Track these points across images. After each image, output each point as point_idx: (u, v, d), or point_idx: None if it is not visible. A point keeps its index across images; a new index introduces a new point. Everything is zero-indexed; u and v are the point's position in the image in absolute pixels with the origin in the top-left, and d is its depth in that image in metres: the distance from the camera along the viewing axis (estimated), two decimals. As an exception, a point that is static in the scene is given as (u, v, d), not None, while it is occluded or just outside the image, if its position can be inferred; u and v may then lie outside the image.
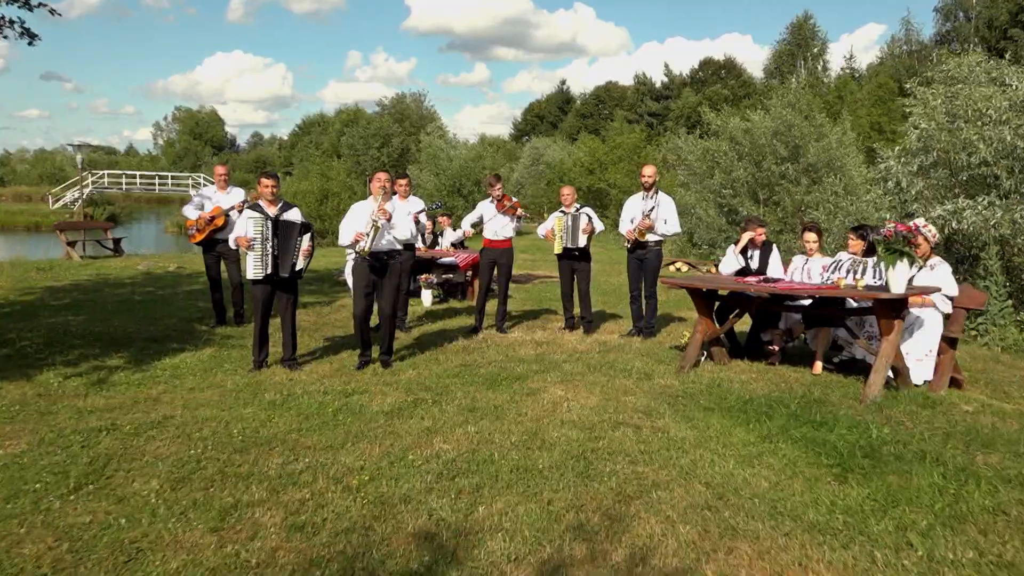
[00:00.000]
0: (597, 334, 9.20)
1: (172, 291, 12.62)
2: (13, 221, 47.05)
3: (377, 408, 5.62)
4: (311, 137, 67.91)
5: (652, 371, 7.01)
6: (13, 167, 78.54)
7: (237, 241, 7.01)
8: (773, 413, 5.41)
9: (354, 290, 7.25)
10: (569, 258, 9.19)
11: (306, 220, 7.20)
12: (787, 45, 51.78)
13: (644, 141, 39.40)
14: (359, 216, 7.13)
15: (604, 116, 72.94)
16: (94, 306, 10.75)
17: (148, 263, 16.85)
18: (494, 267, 9.33)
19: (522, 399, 5.96)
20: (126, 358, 7.47)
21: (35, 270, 15.01)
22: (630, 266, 9.02)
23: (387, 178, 7.20)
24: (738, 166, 21.21)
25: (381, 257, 7.13)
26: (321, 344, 8.42)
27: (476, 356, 7.79)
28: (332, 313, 10.47)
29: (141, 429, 5.06)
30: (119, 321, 9.49)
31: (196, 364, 7.24)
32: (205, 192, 9.57)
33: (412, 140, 53.27)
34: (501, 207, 9.17)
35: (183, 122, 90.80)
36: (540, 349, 8.16)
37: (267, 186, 7.05)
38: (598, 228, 9.15)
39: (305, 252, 7.01)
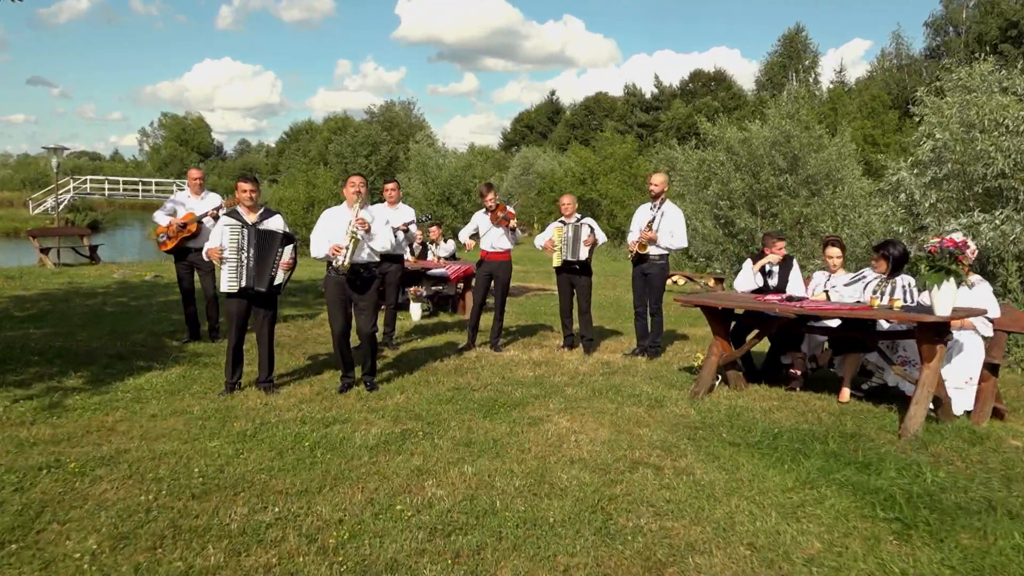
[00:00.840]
0: (598, 353, 8.58)
1: (146, 302, 11.93)
2: (-10, 227, 46.05)
3: (360, 442, 4.97)
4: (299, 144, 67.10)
5: (663, 397, 6.39)
6: (-8, 173, 77.19)
7: (209, 254, 6.35)
8: (808, 451, 4.80)
9: (330, 307, 6.61)
10: (569, 272, 8.59)
11: (289, 230, 6.55)
12: (779, 57, 51.59)
13: (636, 151, 38.90)
14: (332, 225, 6.50)
15: (594, 127, 72.59)
16: (60, 318, 10.05)
17: (124, 272, 16.14)
18: (491, 280, 8.71)
19: (523, 431, 5.32)
20: (85, 378, 6.78)
21: (2, 278, 14.26)
22: (635, 280, 8.42)
23: (362, 183, 6.57)
24: (735, 177, 20.70)
25: (358, 271, 6.49)
26: (302, 363, 7.76)
27: (470, 378, 7.15)
28: (315, 328, 9.81)
29: (88, 467, 4.39)
30: (85, 335, 8.80)
31: (162, 386, 6.57)
32: (178, 197, 8.90)
33: (401, 148, 52.63)
34: (495, 218, 8.57)
35: (169, 128, 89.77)
36: (539, 370, 7.53)
37: (245, 191, 6.40)
38: (600, 240, 8.56)
39: (285, 265, 6.36)
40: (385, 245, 6.59)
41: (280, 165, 64.62)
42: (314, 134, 65.50)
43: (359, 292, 6.53)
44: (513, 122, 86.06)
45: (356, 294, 6.52)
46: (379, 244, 6.53)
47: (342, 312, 6.53)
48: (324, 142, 57.82)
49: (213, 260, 6.31)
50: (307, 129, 70.48)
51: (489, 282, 8.73)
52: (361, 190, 6.51)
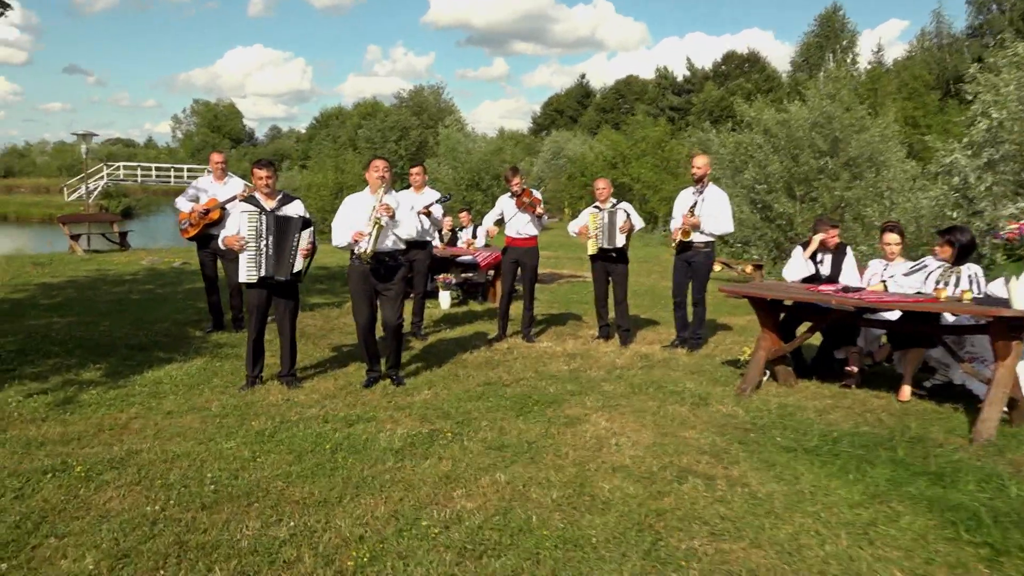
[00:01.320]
0: (636, 344, 8.18)
1: (172, 289, 11.75)
2: (28, 213, 46.70)
3: (385, 443, 4.64)
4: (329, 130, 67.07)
5: (708, 394, 5.99)
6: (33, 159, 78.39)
7: (225, 242, 6.05)
8: (873, 458, 4.38)
9: (354, 298, 6.28)
10: (604, 260, 8.18)
11: (307, 215, 6.23)
12: (815, 37, 50.29)
13: (669, 135, 38.16)
14: (355, 211, 6.16)
15: (624, 110, 71.73)
16: (85, 306, 9.88)
17: (152, 258, 16.02)
18: (517, 268, 8.34)
19: (559, 432, 4.95)
20: (103, 370, 6.54)
21: (31, 265, 14.19)
22: (676, 269, 7.99)
23: (386, 167, 6.21)
24: (773, 160, 20.05)
25: (383, 259, 6.16)
26: (326, 354, 7.46)
27: (501, 371, 6.80)
28: (341, 316, 9.51)
29: (95, 471, 4.11)
30: (107, 324, 8.59)
31: (181, 379, 6.30)
32: (200, 183, 8.63)
33: (430, 133, 52.28)
34: (520, 203, 8.18)
35: (201, 115, 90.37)
36: (573, 363, 7.16)
37: (260, 177, 6.08)
38: (637, 225, 8.13)
39: (304, 252, 6.05)
40: (411, 232, 6.24)
41: (310, 151, 64.65)
42: (344, 119, 65.41)
43: (384, 281, 6.19)
44: (543, 106, 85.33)
45: (381, 283, 6.20)
46: (404, 231, 6.18)
47: (367, 303, 6.21)
48: (354, 127, 57.69)
49: (231, 248, 6.01)
50: (337, 115, 70.41)
51: (516, 269, 8.37)
52: (385, 175, 6.16)
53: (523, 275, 8.32)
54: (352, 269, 6.24)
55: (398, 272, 6.25)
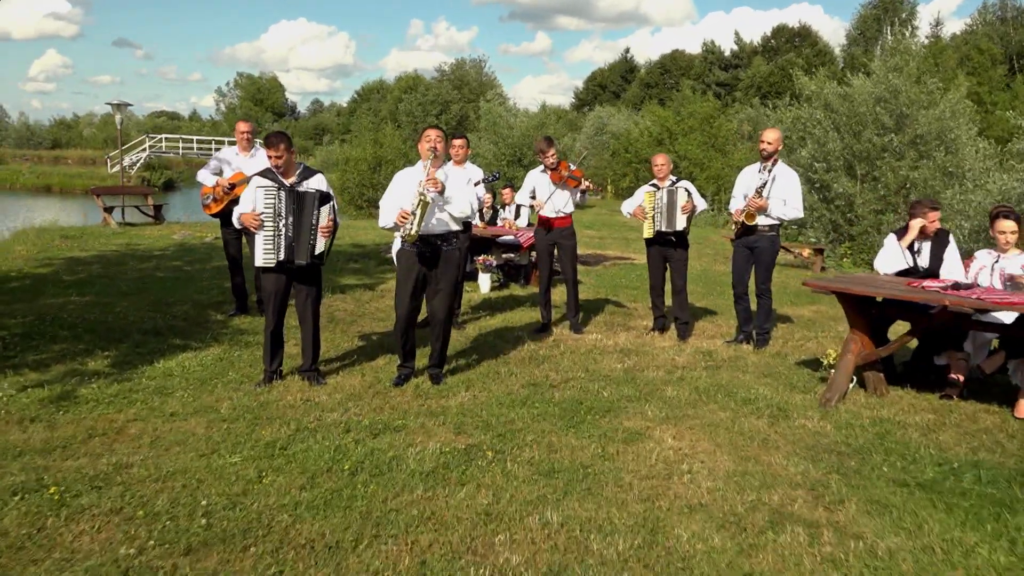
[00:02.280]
0: (695, 339, 7.39)
1: (200, 267, 11.20)
2: (72, 184, 46.95)
3: (415, 463, 3.93)
4: (369, 104, 66.57)
5: (787, 404, 5.19)
6: (80, 131, 79.28)
7: (242, 220, 5.38)
8: (1011, 500, 3.56)
9: (398, 284, 5.58)
10: (662, 244, 7.37)
11: (328, 189, 5.51)
12: (872, 9, 48.11)
13: (718, 110, 36.80)
14: (404, 188, 5.45)
15: (670, 86, 69.96)
16: (107, 284, 9.36)
17: (184, 233, 15.54)
18: (554, 250, 7.56)
19: (619, 452, 4.21)
20: (111, 359, 5.96)
21: (60, 238, 13.78)
22: (736, 256, 7.15)
23: (438, 136, 5.47)
24: (833, 137, 18.88)
25: (433, 242, 5.44)
26: (354, 344, 6.80)
27: (548, 369, 6.06)
28: (374, 300, 8.85)
29: (72, 492, 3.48)
30: (125, 304, 8.04)
31: (193, 371, 5.68)
32: (224, 154, 7.98)
33: (471, 107, 51.41)
34: (557, 177, 7.38)
35: (244, 88, 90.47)
36: (628, 361, 6.39)
37: (270, 156, 5.37)
38: (700, 206, 7.32)
39: (325, 230, 5.35)
40: (465, 209, 5.49)
41: (351, 125, 64.26)
42: (385, 93, 64.82)
43: (434, 268, 5.49)
44: (586, 81, 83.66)
45: (431, 271, 5.50)
46: (457, 208, 5.44)
47: (412, 292, 5.49)
48: (394, 101, 57.08)
49: (247, 227, 5.34)
50: (378, 88, 69.84)
51: (552, 252, 7.59)
52: (437, 146, 5.42)
53: (562, 258, 7.55)
54: (401, 251, 5.56)
55: (452, 258, 5.53)
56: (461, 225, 5.65)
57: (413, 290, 5.48)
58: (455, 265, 5.58)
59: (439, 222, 5.44)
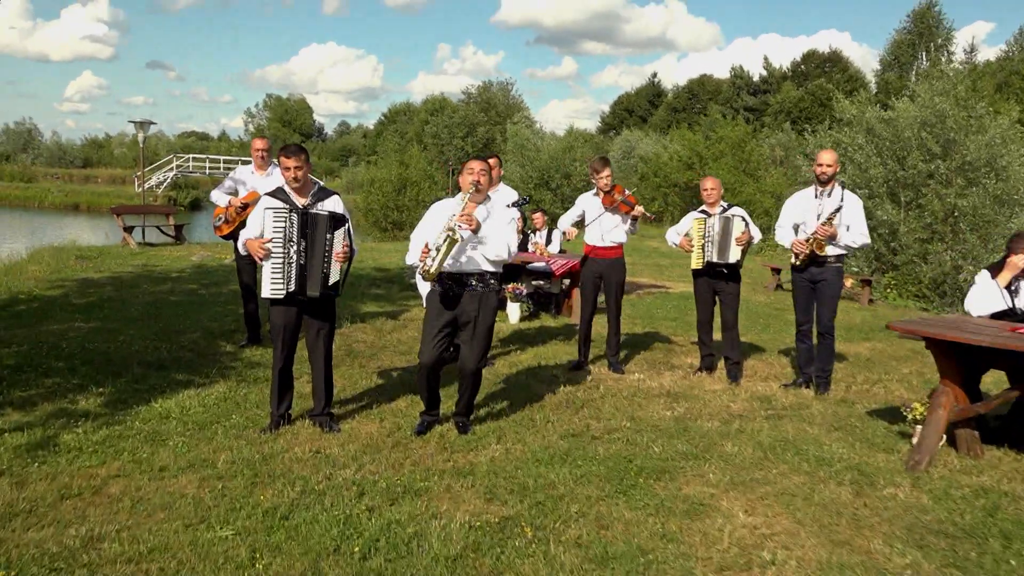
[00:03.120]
0: (747, 380, 6.70)
1: (216, 291, 10.69)
2: (99, 203, 47.19)
3: (438, 544, 3.28)
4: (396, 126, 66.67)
5: (869, 467, 4.48)
6: (111, 150, 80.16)
7: (247, 246, 4.80)
8: None
9: (424, 328, 4.95)
10: (712, 276, 6.71)
11: (344, 212, 4.92)
12: (908, 35, 47.24)
13: (749, 135, 36.11)
14: (438, 221, 4.85)
15: (697, 110, 69.46)
16: (116, 308, 8.85)
17: (204, 254, 15.10)
18: (600, 282, 6.93)
19: (682, 530, 3.53)
20: (106, 397, 5.39)
21: (76, 258, 13.37)
22: (798, 290, 6.46)
23: (482, 169, 4.82)
24: (875, 162, 18.14)
25: (463, 280, 4.82)
26: (373, 381, 6.19)
27: (588, 416, 5.40)
28: (396, 331, 8.25)
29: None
30: (131, 332, 7.51)
31: (193, 413, 5.09)
32: (239, 173, 7.46)
33: (497, 130, 51.15)
34: (610, 202, 6.76)
35: (273, 109, 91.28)
36: (678, 407, 5.71)
37: (287, 167, 4.79)
38: (756, 237, 6.65)
39: (340, 256, 4.75)
40: (501, 253, 4.82)
41: (377, 146, 64.33)
42: (412, 115, 64.87)
43: (463, 312, 4.84)
44: (612, 105, 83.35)
45: (461, 313, 4.85)
46: (492, 250, 4.79)
47: (437, 337, 4.83)
48: (421, 123, 57.01)
49: (253, 254, 4.76)
50: (405, 111, 70.01)
51: (599, 285, 6.96)
52: (480, 179, 4.79)
53: (607, 292, 6.92)
54: (430, 293, 4.95)
55: (486, 300, 4.89)
56: (499, 266, 5.01)
57: (440, 335, 4.84)
58: (490, 309, 4.93)
59: (469, 260, 4.82)
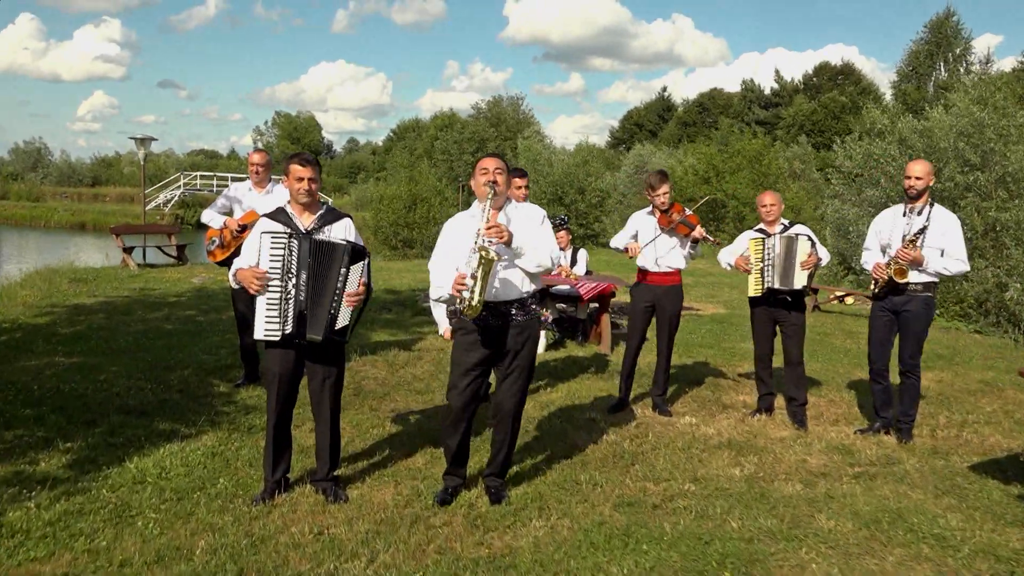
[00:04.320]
0: (813, 423, 5.83)
1: (215, 317, 9.90)
2: (105, 221, 46.62)
3: None
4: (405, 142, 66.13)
5: (1002, 547, 3.60)
6: (120, 168, 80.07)
7: (239, 278, 3.98)
8: None
9: (453, 365, 4.11)
10: (773, 304, 5.86)
11: (359, 240, 4.11)
12: (925, 45, 46.38)
13: (768, 147, 35.28)
14: (457, 242, 4.03)
15: (708, 124, 68.84)
16: (104, 339, 8.07)
17: (205, 276, 14.34)
18: (651, 312, 6.09)
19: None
20: (73, 455, 4.57)
21: (69, 281, 12.60)
22: (876, 321, 5.59)
23: (498, 168, 4.03)
24: (910, 175, 17.24)
25: (503, 310, 3.99)
26: (386, 429, 5.35)
27: (641, 475, 4.54)
28: (410, 364, 7.42)
29: None
30: (115, 369, 6.71)
31: (174, 475, 4.27)
32: (235, 191, 6.66)
33: (508, 145, 50.43)
34: (667, 222, 5.93)
35: (282, 127, 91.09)
36: (745, 462, 4.84)
37: (300, 178, 4.00)
38: (824, 259, 5.80)
39: (353, 298, 3.92)
40: (544, 260, 3.98)
41: (386, 163, 63.79)
42: (420, 131, 64.33)
43: (501, 346, 4.02)
44: (622, 120, 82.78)
45: (498, 349, 4.02)
46: (534, 260, 3.95)
47: (468, 377, 4.01)
48: (430, 139, 56.39)
49: (246, 287, 3.94)
50: (414, 127, 69.50)
51: (650, 316, 6.12)
52: (497, 178, 3.99)
53: (660, 323, 6.08)
54: (458, 331, 4.10)
55: (529, 331, 4.07)
56: (539, 283, 4.18)
57: (473, 374, 4.01)
58: (534, 340, 4.10)
59: (505, 283, 3.99)
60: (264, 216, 4.15)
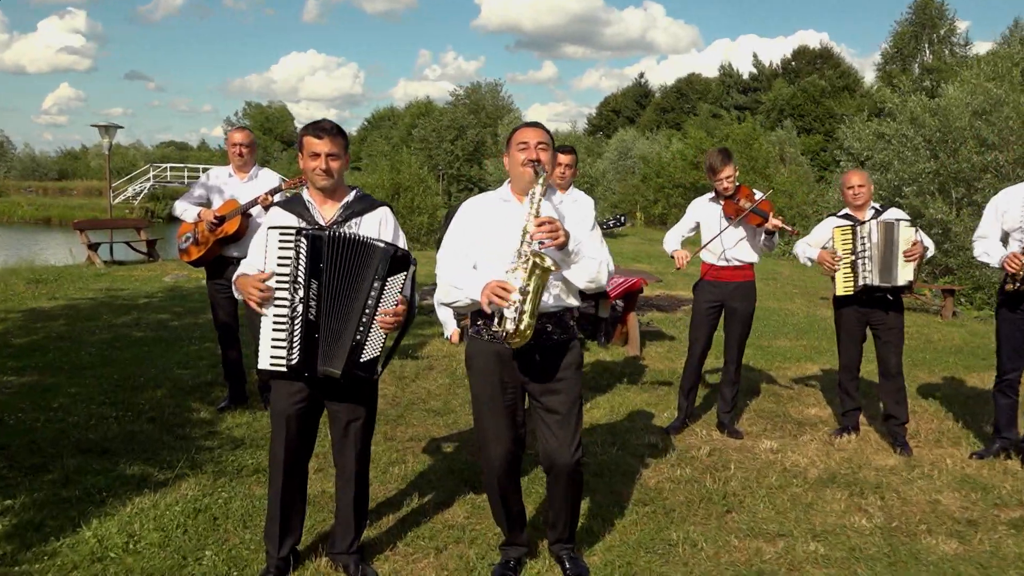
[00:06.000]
0: (916, 446, 4.90)
1: (191, 321, 8.80)
2: (71, 216, 44.87)
3: None
4: (380, 131, 64.71)
5: None
6: (88, 162, 77.86)
7: (238, 286, 2.93)
8: None
9: (476, 407, 3.09)
10: (865, 305, 4.91)
11: (400, 240, 3.05)
12: (910, 26, 45.81)
13: (756, 131, 34.49)
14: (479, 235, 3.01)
15: (686, 110, 68.19)
16: (65, 351, 6.98)
17: (178, 274, 13.17)
18: (717, 314, 5.12)
19: None
20: (12, 520, 3.52)
21: (25, 283, 11.39)
22: (1006, 327, 4.65)
23: (541, 143, 2.95)
24: (923, 155, 16.46)
25: (539, 328, 2.91)
26: (410, 467, 4.33)
27: (746, 528, 3.57)
28: (421, 377, 6.41)
29: None
30: (74, 391, 5.63)
31: (144, 546, 3.25)
32: (213, 177, 5.56)
33: (488, 132, 49.29)
34: (733, 209, 4.95)
35: (253, 117, 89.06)
36: (866, 505, 3.88)
37: (317, 153, 2.93)
38: (931, 250, 4.86)
39: (390, 320, 2.88)
40: (597, 275, 2.94)
41: (361, 152, 62.40)
42: (396, 120, 62.99)
43: (541, 377, 2.99)
44: (599, 106, 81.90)
45: (537, 382, 3.00)
46: (585, 273, 2.92)
47: (505, 419, 3.00)
48: (406, 128, 55.10)
49: (246, 300, 2.89)
50: (388, 115, 68.11)
51: (717, 318, 5.15)
52: (541, 156, 2.93)
53: (729, 327, 5.11)
54: (475, 350, 3.06)
55: (573, 355, 3.04)
56: (579, 297, 3.14)
57: (507, 414, 3.00)
58: (578, 367, 3.05)
59: (552, 296, 2.95)
60: (276, 205, 3.11)
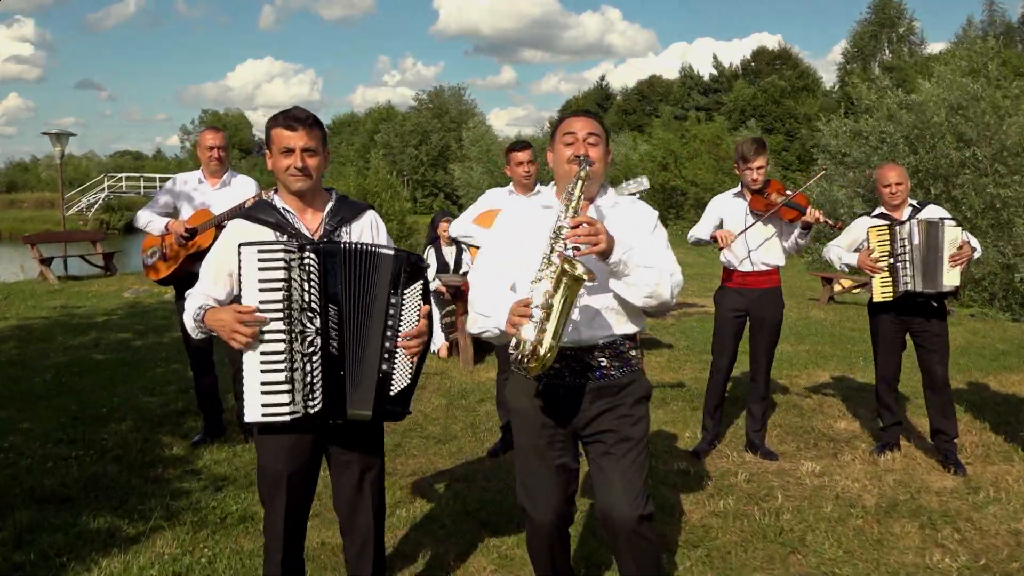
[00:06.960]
0: (967, 462, 4.50)
1: (155, 339, 8.17)
2: (22, 229, 43.31)
3: None
4: (342, 137, 63.78)
5: None
6: (38, 173, 75.69)
7: (210, 325, 2.36)
8: None
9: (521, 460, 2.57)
10: (905, 311, 4.50)
11: (409, 252, 2.52)
12: (869, 26, 46.29)
13: (726, 131, 34.45)
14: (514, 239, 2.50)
15: (648, 112, 68.41)
16: (16, 378, 6.36)
17: (138, 289, 12.45)
18: (743, 323, 4.67)
19: None
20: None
21: (-28, 303, 10.62)
22: None
23: (592, 134, 2.45)
24: (902, 151, 16.30)
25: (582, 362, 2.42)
26: (416, 507, 3.81)
27: (818, 572, 3.11)
28: (417, 397, 5.81)
29: None
30: (27, 427, 5.04)
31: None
32: (181, 184, 4.96)
33: (452, 136, 48.71)
34: (761, 204, 4.51)
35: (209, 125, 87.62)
36: (942, 540, 3.45)
37: (290, 149, 2.40)
38: (978, 251, 4.47)
39: (412, 344, 2.37)
40: (659, 289, 2.36)
41: (324, 159, 61.47)
42: (357, 126, 62.11)
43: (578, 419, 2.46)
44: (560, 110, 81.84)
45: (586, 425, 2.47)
46: (642, 287, 2.35)
47: (549, 474, 2.48)
48: (369, 133, 54.27)
49: (227, 339, 2.34)
50: (349, 121, 67.16)
51: (741, 328, 4.70)
52: (591, 152, 2.42)
53: (756, 337, 4.65)
54: (516, 388, 2.54)
55: (631, 393, 2.49)
56: (642, 321, 2.60)
57: (557, 476, 2.48)
58: (642, 400, 2.51)
59: (589, 316, 2.42)
60: (239, 216, 2.56)
